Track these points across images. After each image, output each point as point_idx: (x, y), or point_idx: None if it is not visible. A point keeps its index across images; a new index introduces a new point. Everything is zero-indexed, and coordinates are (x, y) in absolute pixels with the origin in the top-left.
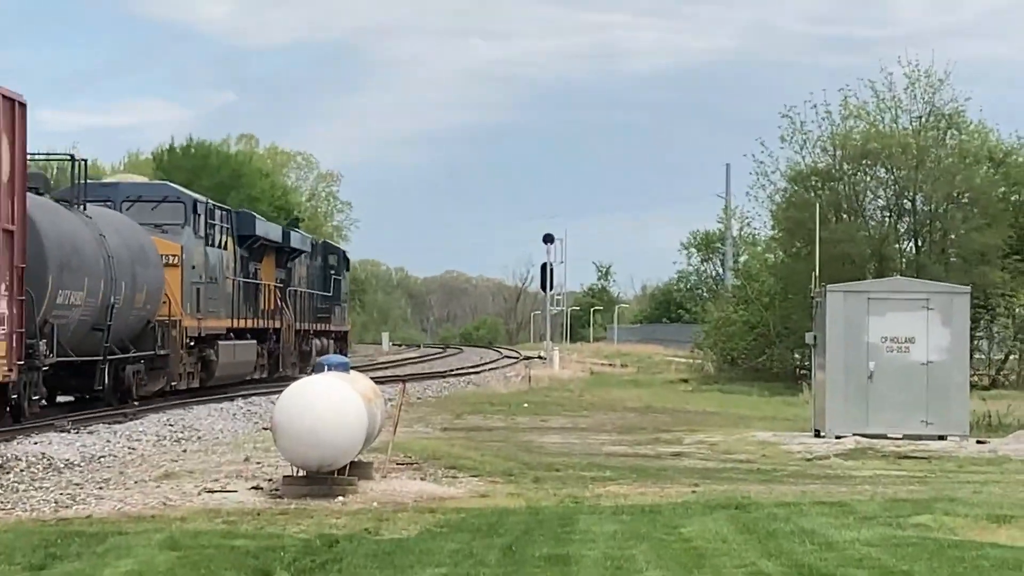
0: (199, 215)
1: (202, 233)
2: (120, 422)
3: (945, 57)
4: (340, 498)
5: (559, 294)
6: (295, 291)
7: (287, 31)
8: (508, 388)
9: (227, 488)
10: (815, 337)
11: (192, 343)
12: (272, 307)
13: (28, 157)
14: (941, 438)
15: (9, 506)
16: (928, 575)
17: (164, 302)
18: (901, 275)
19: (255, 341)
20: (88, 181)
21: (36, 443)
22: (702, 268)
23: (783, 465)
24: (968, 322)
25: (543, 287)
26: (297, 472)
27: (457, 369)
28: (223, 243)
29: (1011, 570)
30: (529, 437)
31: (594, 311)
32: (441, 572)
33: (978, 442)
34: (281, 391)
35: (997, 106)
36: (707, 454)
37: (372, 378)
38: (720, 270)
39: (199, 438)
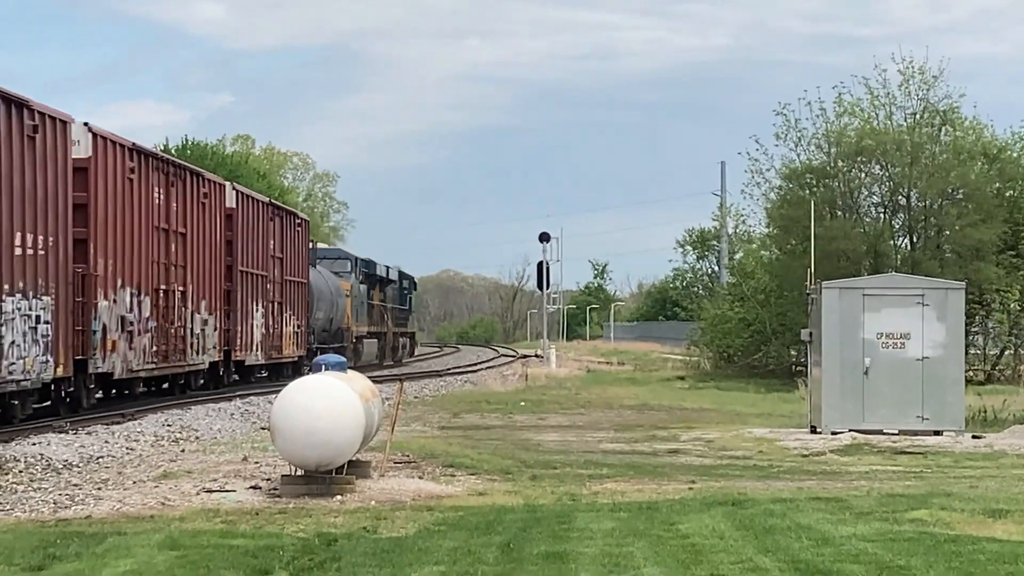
0: (357, 265)
1: (357, 276)
2: (118, 422)
3: (939, 54)
4: (338, 497)
5: (555, 292)
6: (390, 307)
7: (282, 33)
8: (505, 387)
9: (225, 488)
10: (811, 334)
11: (354, 341)
12: (380, 318)
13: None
14: (937, 433)
15: (8, 507)
16: (924, 570)
17: (345, 317)
18: (896, 271)
19: (376, 340)
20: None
21: (35, 444)
22: (698, 266)
23: (779, 461)
24: (963, 318)
25: (539, 285)
26: (295, 471)
27: (454, 368)
28: (362, 280)
29: (1007, 564)
30: (526, 435)
31: (590, 309)
32: (439, 570)
33: (974, 437)
34: (279, 391)
35: (991, 102)
36: (704, 451)
37: (370, 377)
38: (716, 268)
39: (197, 438)
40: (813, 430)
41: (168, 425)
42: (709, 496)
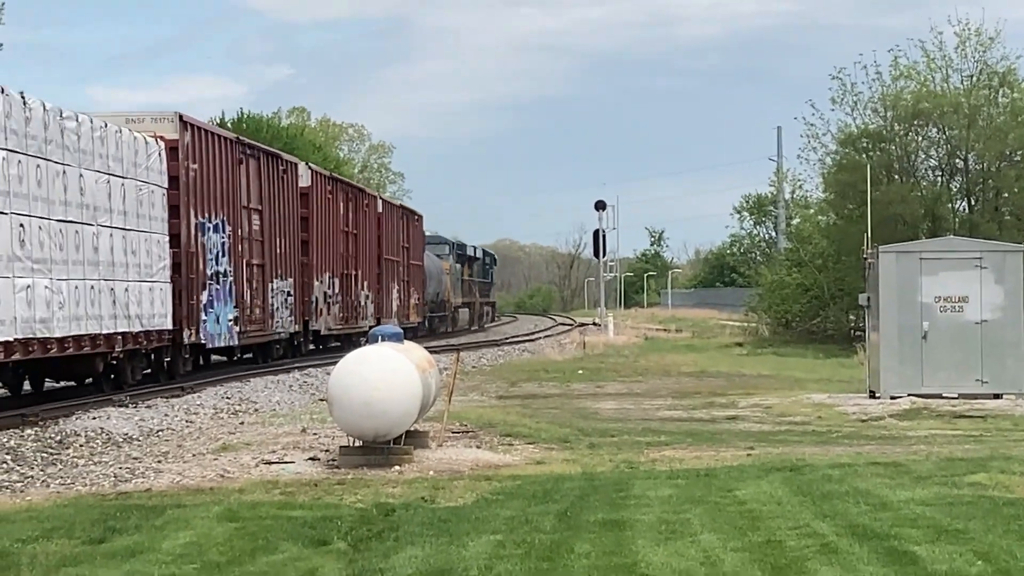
0: (453, 248)
1: (453, 257)
2: (177, 396)
3: (996, 15)
4: (396, 467)
5: (612, 260)
6: (476, 281)
7: (339, 4)
8: (563, 355)
9: (284, 459)
10: (868, 298)
11: (453, 310)
12: (470, 291)
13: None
14: (997, 396)
15: (69, 481)
16: (983, 533)
17: (446, 291)
18: (954, 235)
19: (468, 308)
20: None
21: (95, 418)
22: (755, 231)
23: (838, 427)
24: (1022, 280)
25: (596, 254)
26: (353, 442)
27: (512, 337)
28: (457, 260)
29: None
30: (584, 403)
31: (648, 277)
32: (497, 539)
33: None
34: (336, 362)
35: None
36: (762, 417)
37: (427, 347)
38: (773, 233)
39: (256, 410)
40: (872, 395)
41: (227, 397)
42: (767, 462)
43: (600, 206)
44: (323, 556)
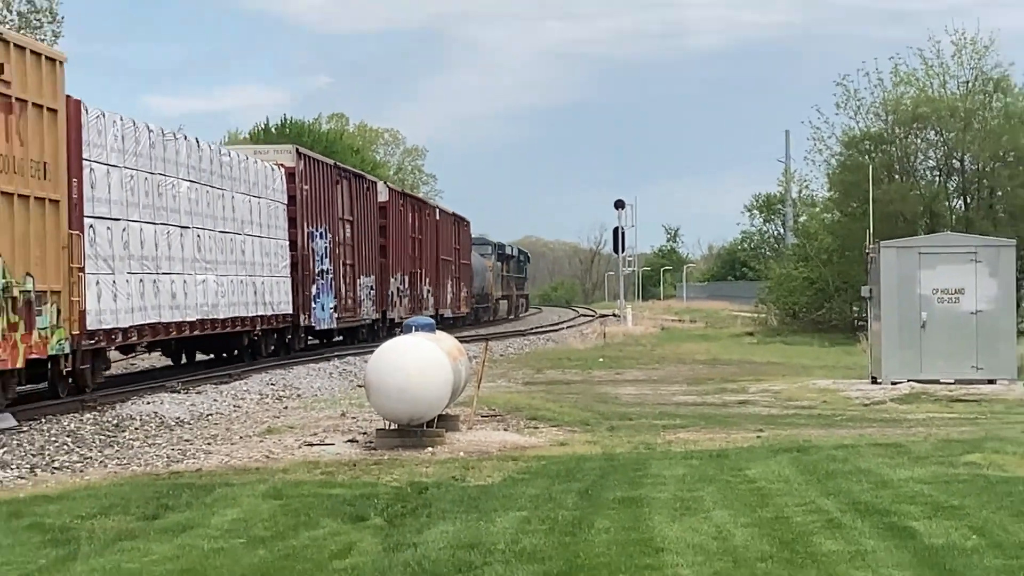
0: (495, 248)
1: (495, 255)
2: (226, 382)
3: (989, 25)
4: (429, 449)
5: (631, 256)
6: (513, 276)
7: (377, 18)
8: (585, 344)
9: (325, 441)
10: (870, 290)
11: (495, 302)
12: (507, 285)
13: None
14: (991, 382)
15: (125, 461)
16: (978, 509)
17: (489, 286)
18: (951, 231)
19: (506, 300)
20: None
21: (149, 403)
22: (764, 228)
23: (842, 410)
24: (1014, 273)
25: (616, 249)
26: (389, 426)
27: (537, 327)
28: (497, 258)
29: None
30: (605, 389)
31: (664, 271)
32: (523, 515)
33: None
34: (372, 352)
35: None
36: (771, 401)
37: (457, 337)
38: (781, 230)
39: (299, 396)
40: (874, 381)
41: (272, 384)
42: (776, 444)
43: (620, 205)
44: (361, 531)
